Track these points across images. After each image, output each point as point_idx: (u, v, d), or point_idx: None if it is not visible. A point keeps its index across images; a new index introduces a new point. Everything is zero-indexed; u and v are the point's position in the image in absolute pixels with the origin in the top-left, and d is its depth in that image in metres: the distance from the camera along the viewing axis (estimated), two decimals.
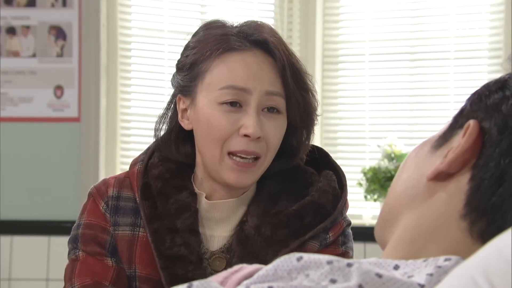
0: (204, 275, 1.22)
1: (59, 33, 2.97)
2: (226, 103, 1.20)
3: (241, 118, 1.20)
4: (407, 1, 3.09)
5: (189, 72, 1.25)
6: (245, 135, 1.20)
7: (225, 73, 1.21)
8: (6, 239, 2.90)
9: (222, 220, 1.27)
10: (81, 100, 2.95)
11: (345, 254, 1.29)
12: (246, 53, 1.22)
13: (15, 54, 2.98)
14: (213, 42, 1.23)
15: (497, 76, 0.72)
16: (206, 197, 1.27)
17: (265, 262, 1.21)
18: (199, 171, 1.29)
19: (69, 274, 1.27)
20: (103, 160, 2.97)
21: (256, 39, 1.23)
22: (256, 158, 1.22)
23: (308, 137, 1.30)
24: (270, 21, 3.06)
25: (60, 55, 2.96)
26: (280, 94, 1.23)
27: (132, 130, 3.05)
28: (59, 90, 2.96)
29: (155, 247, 1.23)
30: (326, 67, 3.14)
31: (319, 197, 1.26)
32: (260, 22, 1.28)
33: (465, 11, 3.02)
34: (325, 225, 1.26)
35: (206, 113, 1.22)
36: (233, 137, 1.20)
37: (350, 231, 1.32)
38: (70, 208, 2.83)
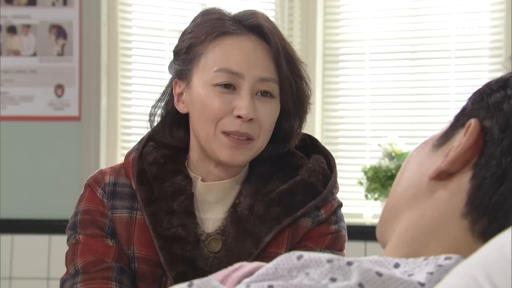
0: (201, 254, 1.25)
1: (59, 32, 2.97)
2: (220, 85, 1.23)
3: (235, 99, 1.23)
4: (408, 0, 3.08)
5: (186, 56, 1.28)
6: (238, 116, 1.22)
7: (220, 56, 1.24)
8: (6, 238, 2.90)
9: (216, 202, 1.29)
10: (82, 99, 2.95)
11: (338, 233, 1.31)
12: (241, 37, 1.25)
13: (16, 53, 2.98)
14: (209, 26, 1.26)
15: (498, 75, 0.72)
16: (201, 180, 1.30)
17: (259, 239, 1.23)
18: (193, 154, 1.31)
19: (71, 256, 1.28)
20: (103, 159, 2.97)
21: (251, 24, 1.26)
22: (249, 139, 1.24)
23: (301, 125, 1.33)
24: None
25: (61, 54, 2.96)
26: (273, 80, 1.25)
27: (133, 129, 3.05)
28: (59, 89, 2.96)
29: (153, 228, 1.25)
30: (326, 66, 3.13)
31: (309, 176, 1.29)
32: (255, 10, 1.30)
33: (466, 10, 3.01)
34: (316, 203, 1.28)
35: (200, 94, 1.25)
36: (227, 117, 1.23)
37: (342, 212, 1.35)
38: (71, 207, 2.81)
